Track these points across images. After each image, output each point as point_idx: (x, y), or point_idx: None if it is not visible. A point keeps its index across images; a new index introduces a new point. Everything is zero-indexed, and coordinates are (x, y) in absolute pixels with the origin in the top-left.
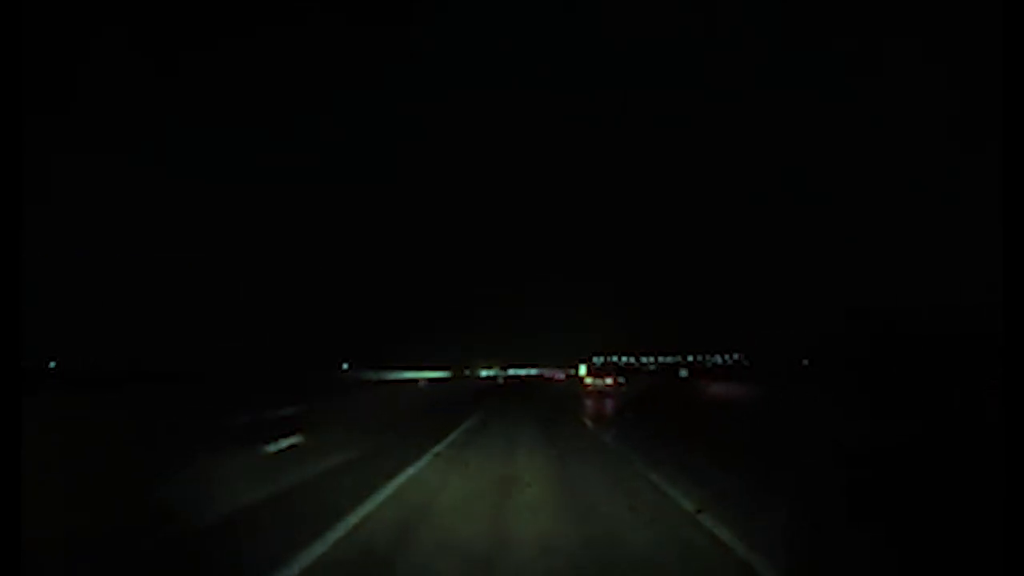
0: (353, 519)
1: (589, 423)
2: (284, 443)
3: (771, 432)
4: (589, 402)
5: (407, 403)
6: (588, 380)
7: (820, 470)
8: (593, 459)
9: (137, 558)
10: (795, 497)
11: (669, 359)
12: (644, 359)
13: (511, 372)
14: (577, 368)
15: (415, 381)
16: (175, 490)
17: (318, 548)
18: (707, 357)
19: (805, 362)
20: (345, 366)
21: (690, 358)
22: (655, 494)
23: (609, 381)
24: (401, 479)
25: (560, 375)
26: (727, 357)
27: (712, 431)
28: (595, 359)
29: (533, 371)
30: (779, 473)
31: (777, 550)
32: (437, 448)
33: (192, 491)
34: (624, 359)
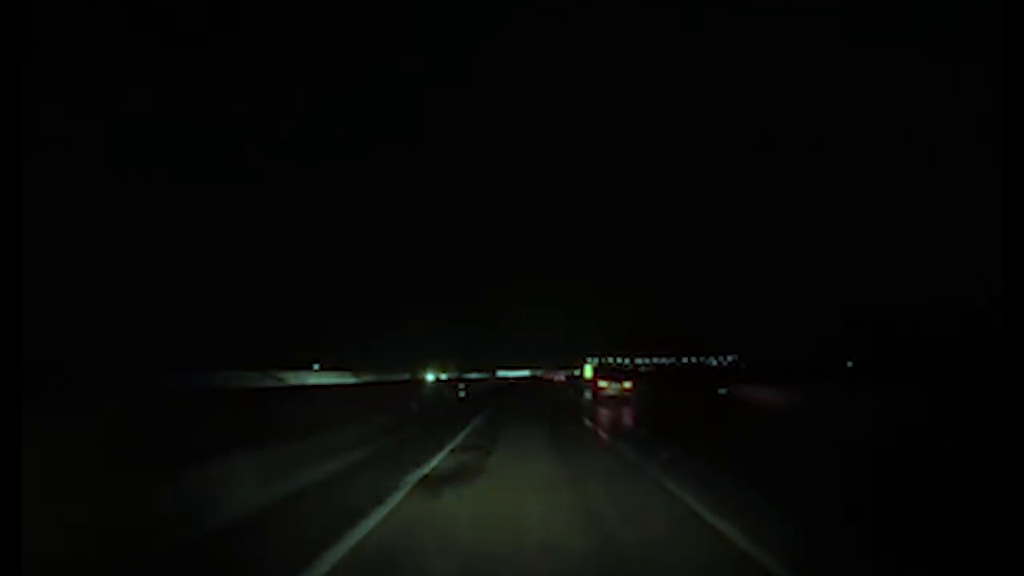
0: None
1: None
2: None
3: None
4: (606, 410)
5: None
6: (603, 384)
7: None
8: None
9: None
10: None
11: (664, 360)
12: (639, 360)
13: (500, 374)
14: (581, 369)
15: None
16: None
17: None
18: (702, 359)
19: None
20: (316, 366)
21: (685, 360)
22: None
23: (628, 385)
24: None
25: (560, 376)
26: (722, 359)
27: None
28: (590, 360)
29: (525, 373)
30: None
31: None
32: None
33: None
34: (619, 360)
